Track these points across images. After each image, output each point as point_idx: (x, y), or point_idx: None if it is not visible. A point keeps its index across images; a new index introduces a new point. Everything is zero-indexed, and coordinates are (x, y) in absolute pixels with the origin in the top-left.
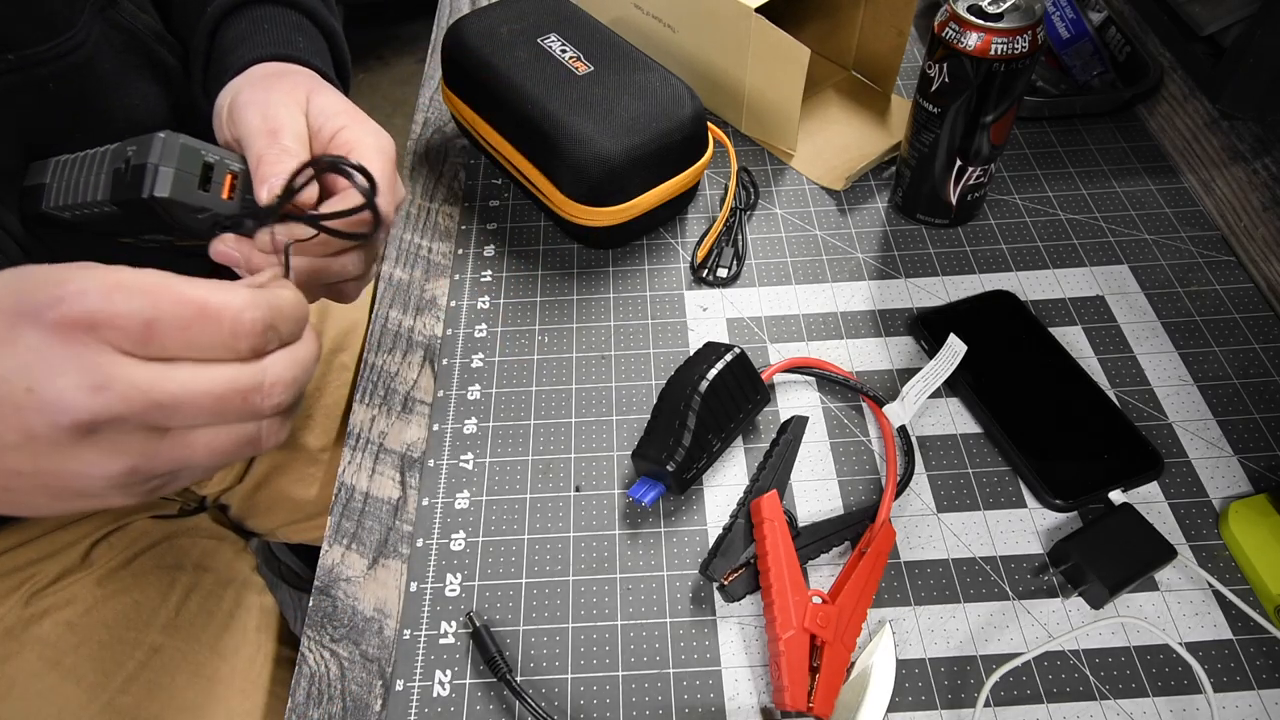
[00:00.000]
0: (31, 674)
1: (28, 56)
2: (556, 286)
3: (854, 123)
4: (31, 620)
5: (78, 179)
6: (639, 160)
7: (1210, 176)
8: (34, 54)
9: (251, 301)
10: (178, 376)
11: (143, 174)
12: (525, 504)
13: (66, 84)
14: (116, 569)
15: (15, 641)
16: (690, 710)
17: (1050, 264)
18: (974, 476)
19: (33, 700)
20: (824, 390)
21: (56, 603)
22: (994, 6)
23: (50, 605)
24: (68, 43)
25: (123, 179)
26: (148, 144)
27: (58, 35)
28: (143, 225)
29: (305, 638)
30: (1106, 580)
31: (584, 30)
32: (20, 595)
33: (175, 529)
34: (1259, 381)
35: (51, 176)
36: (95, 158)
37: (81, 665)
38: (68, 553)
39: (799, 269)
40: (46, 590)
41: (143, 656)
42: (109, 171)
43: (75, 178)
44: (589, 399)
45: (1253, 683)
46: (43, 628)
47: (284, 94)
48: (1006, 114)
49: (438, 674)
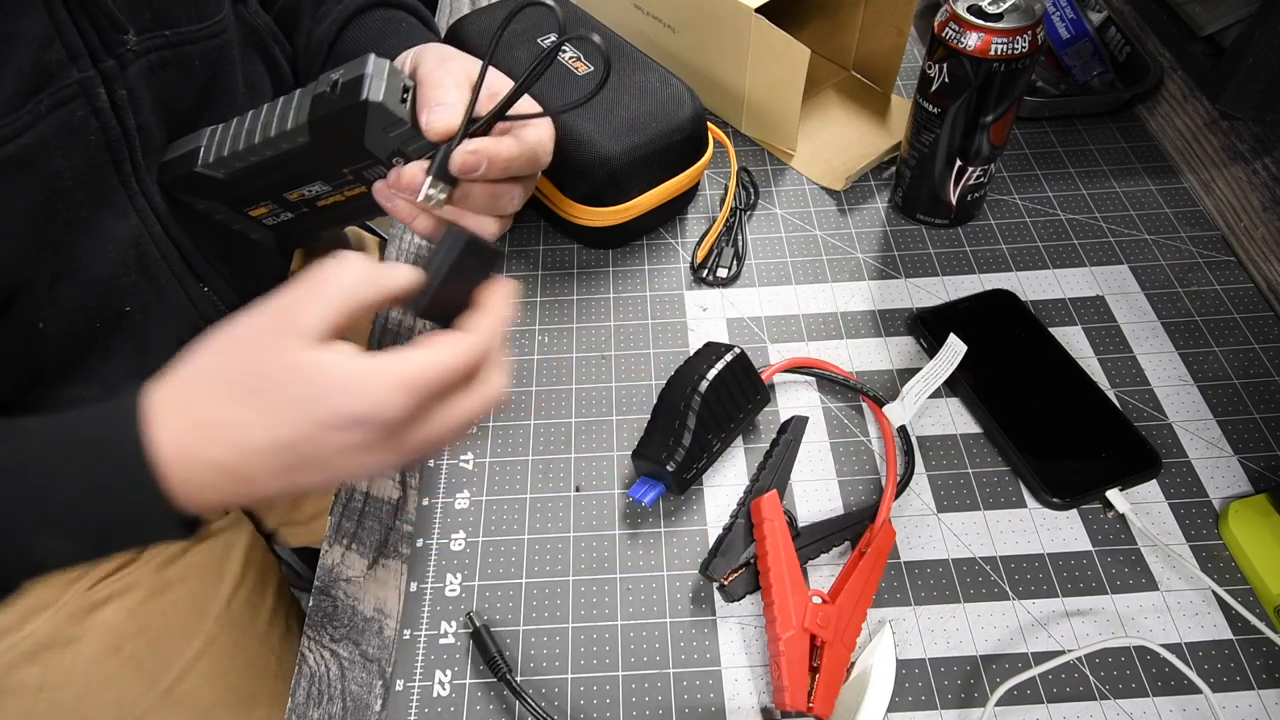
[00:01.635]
0: (92, 660)
1: (181, 34)
2: (556, 286)
3: (854, 123)
4: (94, 606)
5: (253, 125)
6: (639, 160)
7: (1210, 176)
8: (187, 32)
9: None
10: (441, 423)
11: (359, 83)
12: (525, 504)
13: (207, 64)
14: (173, 558)
15: (78, 626)
16: (690, 710)
17: (1050, 264)
18: (974, 476)
19: (93, 686)
20: (824, 390)
21: (119, 589)
22: (994, 6)
23: (113, 592)
24: (214, 26)
25: (328, 97)
26: (358, 63)
27: (208, 19)
28: (321, 159)
29: (305, 638)
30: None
31: (584, 30)
32: (84, 582)
33: (218, 525)
34: (1259, 381)
35: (208, 139)
36: (274, 105)
37: (141, 653)
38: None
39: (799, 269)
40: (109, 578)
41: (200, 646)
42: (304, 100)
43: (249, 126)
44: (589, 399)
45: (1252, 683)
46: (105, 614)
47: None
48: (1006, 114)
49: (438, 674)
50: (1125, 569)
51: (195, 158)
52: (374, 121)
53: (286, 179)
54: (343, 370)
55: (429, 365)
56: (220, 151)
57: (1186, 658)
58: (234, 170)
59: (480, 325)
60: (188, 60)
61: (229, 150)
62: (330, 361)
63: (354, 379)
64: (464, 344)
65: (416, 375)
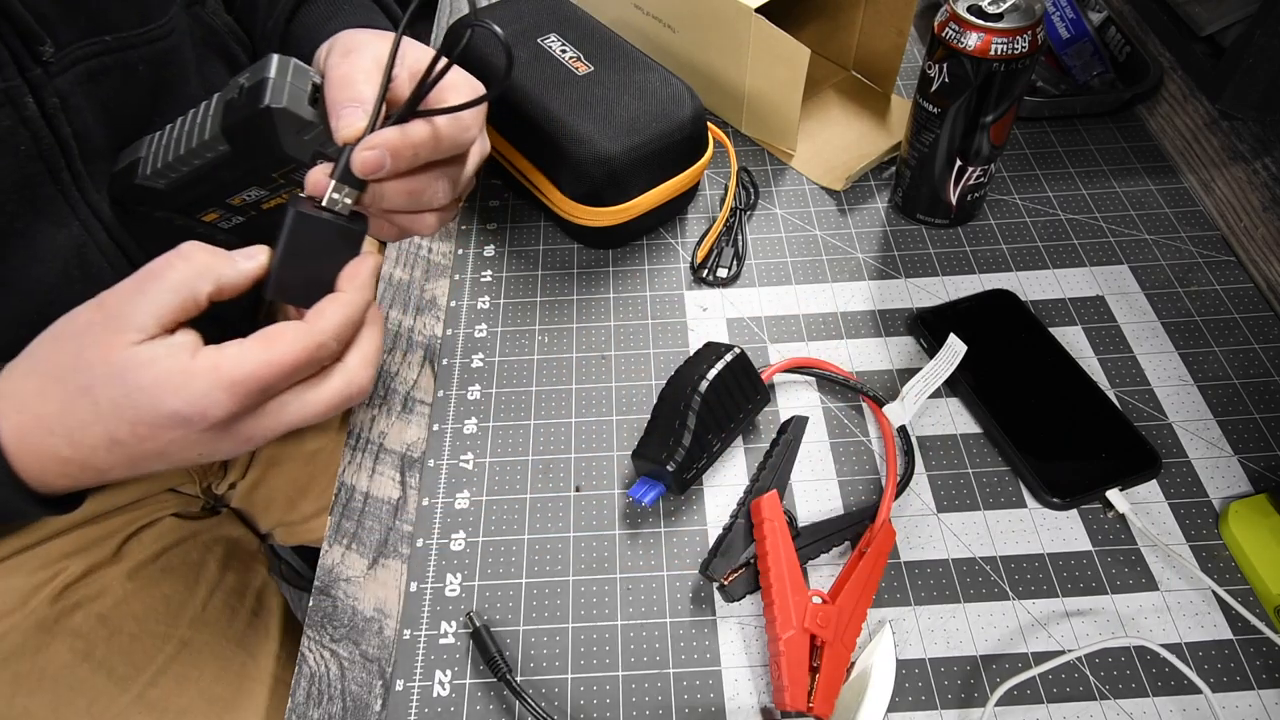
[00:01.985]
0: (63, 665)
1: (124, 39)
2: (556, 286)
3: (854, 123)
4: (63, 613)
5: (179, 135)
6: (639, 160)
7: (1210, 176)
8: (129, 36)
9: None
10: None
11: (261, 88)
12: (525, 504)
13: (153, 68)
14: (145, 563)
15: (47, 634)
16: (690, 710)
17: (1050, 264)
18: (974, 476)
19: (64, 692)
20: (824, 390)
21: (88, 595)
22: (994, 6)
23: (82, 598)
24: (159, 29)
25: (236, 104)
26: (261, 65)
27: (150, 21)
28: (245, 167)
29: (305, 638)
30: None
31: (584, 30)
32: (52, 588)
33: (199, 527)
34: (1259, 381)
35: (146, 149)
36: (197, 111)
37: (113, 657)
38: (98, 547)
39: (799, 269)
40: (77, 583)
41: (172, 650)
42: (219, 107)
43: (176, 136)
44: (589, 399)
45: (1252, 683)
46: (74, 620)
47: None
48: (1006, 114)
49: (438, 674)
50: (1125, 569)
51: (137, 169)
52: (284, 127)
53: (223, 186)
54: (162, 370)
55: (257, 364)
56: (156, 162)
57: (1186, 658)
58: (171, 181)
59: (326, 313)
60: (131, 65)
61: (163, 161)
62: (153, 360)
63: (172, 379)
64: (298, 339)
65: (242, 375)
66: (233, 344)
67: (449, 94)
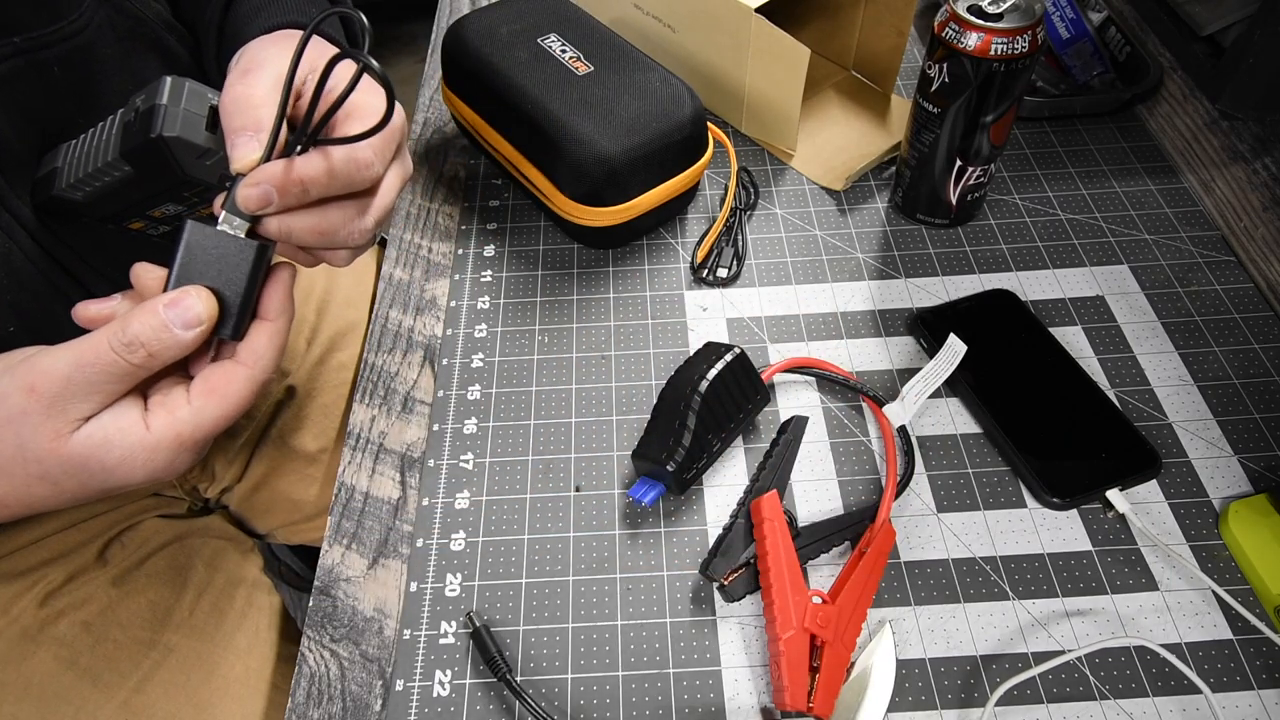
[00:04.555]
0: (48, 674)
1: (33, 40)
2: (556, 286)
3: (854, 123)
4: (47, 621)
5: (89, 149)
6: (639, 160)
7: (1210, 176)
8: (38, 37)
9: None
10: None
11: (152, 115)
12: (525, 504)
13: (70, 68)
14: (130, 569)
15: (32, 642)
16: (690, 710)
17: (1050, 264)
18: (974, 476)
19: (50, 700)
20: (824, 390)
21: (72, 603)
22: (994, 6)
23: (66, 605)
24: (70, 26)
25: (133, 128)
26: (155, 88)
27: (61, 19)
28: (155, 187)
29: (305, 638)
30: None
31: (584, 30)
32: (34, 596)
33: (185, 530)
34: (1259, 381)
35: (63, 159)
36: (105, 125)
37: (98, 665)
38: (80, 553)
39: (799, 269)
40: (61, 590)
41: (158, 656)
42: (119, 127)
43: (86, 149)
44: (589, 399)
45: (1252, 683)
46: (59, 628)
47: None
48: (1006, 114)
49: (438, 674)
50: (1125, 569)
51: (54, 180)
52: (181, 153)
53: (139, 201)
54: (124, 450)
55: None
56: (70, 176)
57: (1186, 658)
58: (87, 194)
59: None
60: (44, 66)
61: (75, 176)
62: (107, 442)
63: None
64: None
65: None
66: (183, 406)
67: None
